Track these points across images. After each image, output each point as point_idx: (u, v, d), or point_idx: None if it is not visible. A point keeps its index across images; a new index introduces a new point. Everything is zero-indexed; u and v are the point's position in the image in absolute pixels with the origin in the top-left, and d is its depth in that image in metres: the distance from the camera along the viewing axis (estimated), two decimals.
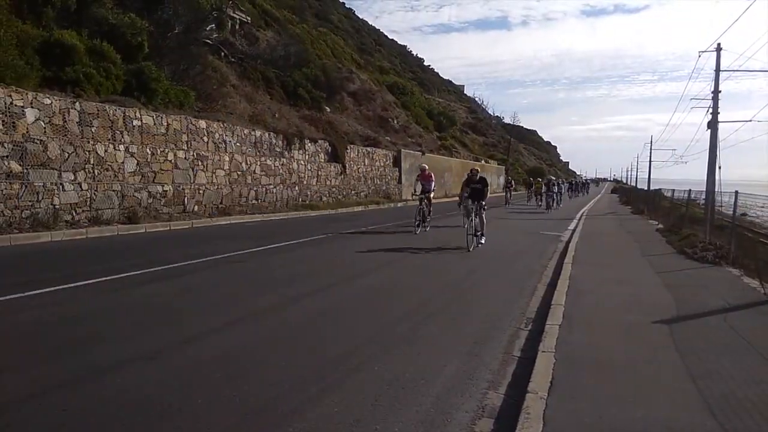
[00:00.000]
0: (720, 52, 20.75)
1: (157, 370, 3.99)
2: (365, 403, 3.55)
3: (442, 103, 61.56)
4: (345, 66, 37.03)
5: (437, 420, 3.37)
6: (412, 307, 6.28)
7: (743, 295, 7.06)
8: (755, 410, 3.44)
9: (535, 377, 3.93)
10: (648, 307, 6.19)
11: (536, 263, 10.00)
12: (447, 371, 4.21)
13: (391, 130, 35.52)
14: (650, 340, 4.98)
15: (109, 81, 13.96)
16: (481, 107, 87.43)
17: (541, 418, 3.27)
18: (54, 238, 10.51)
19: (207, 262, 8.65)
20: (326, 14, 53.34)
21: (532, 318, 6.05)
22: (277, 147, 19.68)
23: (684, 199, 18.10)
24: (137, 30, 15.85)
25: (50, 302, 5.81)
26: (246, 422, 3.20)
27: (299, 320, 5.59)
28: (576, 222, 19.15)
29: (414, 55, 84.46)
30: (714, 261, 9.68)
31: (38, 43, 12.80)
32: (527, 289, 7.60)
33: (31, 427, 3.08)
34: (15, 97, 10.60)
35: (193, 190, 15.42)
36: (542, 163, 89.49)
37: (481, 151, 57.58)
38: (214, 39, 22.49)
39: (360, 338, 4.96)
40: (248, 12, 28.70)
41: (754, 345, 4.86)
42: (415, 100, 46.32)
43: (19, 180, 10.66)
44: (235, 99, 20.19)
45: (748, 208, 11.69)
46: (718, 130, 20.48)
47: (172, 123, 14.67)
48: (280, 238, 11.75)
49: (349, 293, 6.96)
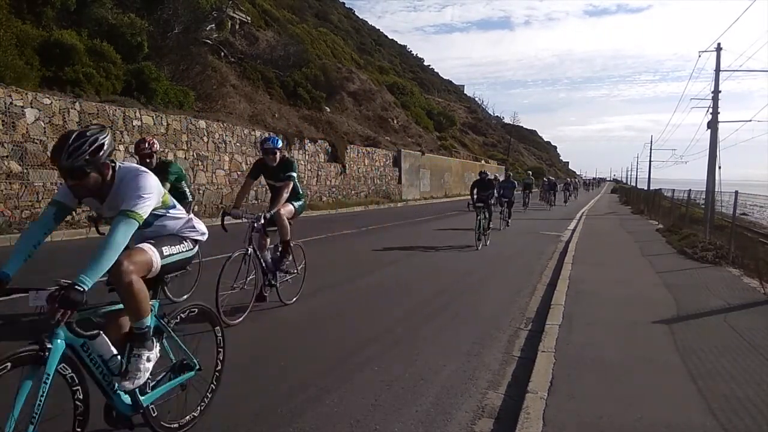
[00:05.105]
0: (720, 52, 20.75)
1: None
2: (365, 403, 3.54)
3: (442, 103, 61.52)
4: (345, 66, 37.02)
5: (437, 420, 3.37)
6: (412, 307, 6.27)
7: (743, 295, 7.05)
8: (755, 410, 3.44)
9: (535, 377, 3.93)
10: (648, 307, 6.18)
11: (536, 263, 10.00)
12: (447, 371, 4.21)
13: (391, 130, 35.52)
14: (650, 340, 4.98)
15: (108, 81, 13.97)
16: (480, 107, 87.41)
17: (541, 418, 3.27)
18: (54, 238, 10.50)
19: (207, 263, 8.63)
20: (326, 14, 53.31)
21: (531, 318, 6.05)
22: None
23: (684, 199, 18.10)
24: (137, 30, 15.86)
25: None
26: (246, 423, 3.20)
27: (299, 320, 5.59)
28: (576, 222, 19.14)
29: (414, 55, 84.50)
30: (714, 261, 9.67)
31: (38, 43, 12.80)
32: (527, 289, 7.60)
33: None
34: (15, 97, 10.60)
35: (193, 190, 15.40)
36: (542, 163, 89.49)
37: (481, 151, 57.60)
38: (214, 39, 22.49)
39: (360, 338, 4.96)
40: (248, 12, 28.69)
41: (754, 345, 4.85)
42: (414, 100, 46.31)
43: (19, 180, 10.65)
44: (234, 99, 20.19)
45: (748, 208, 11.69)
46: (718, 130, 20.51)
47: (171, 123, 14.67)
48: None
49: (349, 293, 6.96)
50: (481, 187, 12.41)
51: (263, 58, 25.19)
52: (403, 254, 10.38)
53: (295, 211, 6.12)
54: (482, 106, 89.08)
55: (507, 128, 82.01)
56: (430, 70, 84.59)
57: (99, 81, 13.62)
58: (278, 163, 5.79)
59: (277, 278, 5.83)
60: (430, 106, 50.79)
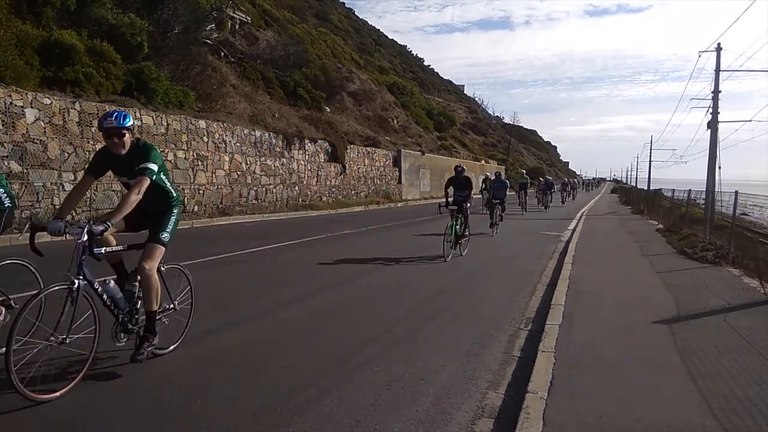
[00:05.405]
0: (720, 52, 20.75)
1: (155, 370, 3.99)
2: (365, 403, 3.54)
3: (442, 103, 61.52)
4: (345, 66, 37.02)
5: (437, 420, 3.37)
6: (412, 307, 6.27)
7: (743, 295, 7.05)
8: (755, 410, 3.44)
9: (535, 377, 3.93)
10: (648, 307, 6.18)
11: (536, 263, 9.99)
12: (447, 371, 4.21)
13: (391, 130, 35.52)
14: (650, 340, 4.97)
15: (108, 81, 13.97)
16: (480, 107, 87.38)
17: (541, 418, 3.27)
18: (54, 239, 10.49)
19: (207, 263, 8.65)
20: (326, 14, 53.31)
21: (531, 318, 6.05)
22: (277, 147, 19.67)
23: (684, 199, 18.10)
24: (137, 30, 15.85)
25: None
26: (246, 423, 3.20)
27: (299, 320, 5.59)
28: (576, 222, 19.14)
29: (414, 55, 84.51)
30: (714, 261, 9.67)
31: (38, 43, 12.80)
32: (527, 289, 7.60)
33: None
34: (15, 97, 10.60)
35: (193, 190, 15.42)
36: (542, 163, 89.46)
37: (481, 151, 57.58)
38: (213, 39, 22.49)
39: (360, 338, 4.96)
40: (248, 12, 28.69)
41: (754, 345, 4.85)
42: (414, 100, 46.31)
43: (19, 180, 10.65)
44: (234, 99, 20.18)
45: (748, 208, 11.68)
46: (718, 130, 20.51)
47: (171, 123, 14.67)
48: (280, 238, 11.75)
49: (349, 293, 6.96)
50: (458, 186, 10.65)
51: (263, 58, 25.19)
52: (403, 254, 10.37)
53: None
54: (482, 106, 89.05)
55: (507, 128, 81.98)
56: (430, 70, 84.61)
57: (99, 81, 13.62)
58: (129, 150, 3.84)
59: (135, 320, 3.97)
60: (430, 106, 50.78)
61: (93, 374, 3.76)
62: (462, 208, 10.06)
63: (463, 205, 10.10)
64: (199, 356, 4.32)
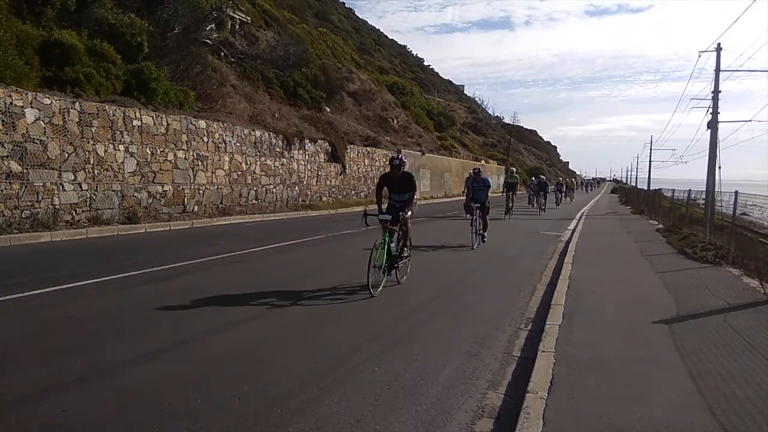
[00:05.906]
0: (720, 52, 20.75)
1: (155, 370, 3.99)
2: (365, 403, 3.54)
3: (442, 103, 61.53)
4: (345, 66, 37.01)
5: (437, 420, 3.37)
6: (411, 307, 6.28)
7: (743, 295, 7.05)
8: (755, 410, 3.44)
9: (535, 377, 3.93)
10: (648, 307, 6.18)
11: (536, 263, 10.00)
12: (447, 371, 4.21)
13: (391, 130, 35.52)
14: (650, 340, 4.98)
15: (108, 81, 13.96)
16: (481, 107, 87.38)
17: (541, 418, 3.27)
18: (54, 239, 10.51)
19: (207, 263, 8.66)
20: (326, 14, 53.31)
21: (531, 318, 6.05)
22: (277, 147, 19.67)
23: (684, 199, 18.10)
24: (137, 30, 15.84)
25: (49, 302, 5.81)
26: (246, 422, 3.20)
27: (300, 320, 5.59)
28: (576, 222, 19.14)
29: (414, 55, 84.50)
30: (714, 261, 9.67)
31: (38, 43, 12.79)
32: (527, 289, 7.60)
33: (32, 426, 3.08)
34: (15, 97, 10.60)
35: (193, 190, 15.42)
36: (542, 163, 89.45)
37: (481, 151, 57.57)
38: (213, 39, 22.48)
39: (360, 338, 4.96)
40: (248, 12, 28.68)
41: (754, 345, 4.86)
42: (414, 100, 46.32)
43: (19, 180, 10.65)
44: (234, 99, 20.18)
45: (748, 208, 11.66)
46: (718, 130, 20.50)
47: (171, 123, 14.67)
48: (280, 238, 11.75)
49: (350, 293, 6.95)
50: (393, 186, 7.49)
51: (263, 58, 25.18)
52: None
53: None
54: (482, 106, 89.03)
55: (507, 128, 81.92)
56: (430, 70, 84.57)
57: (99, 81, 13.61)
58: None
59: None
60: (430, 106, 50.78)
61: (93, 374, 3.82)
62: (397, 217, 7.03)
63: (399, 216, 7.05)
64: (199, 356, 4.32)
